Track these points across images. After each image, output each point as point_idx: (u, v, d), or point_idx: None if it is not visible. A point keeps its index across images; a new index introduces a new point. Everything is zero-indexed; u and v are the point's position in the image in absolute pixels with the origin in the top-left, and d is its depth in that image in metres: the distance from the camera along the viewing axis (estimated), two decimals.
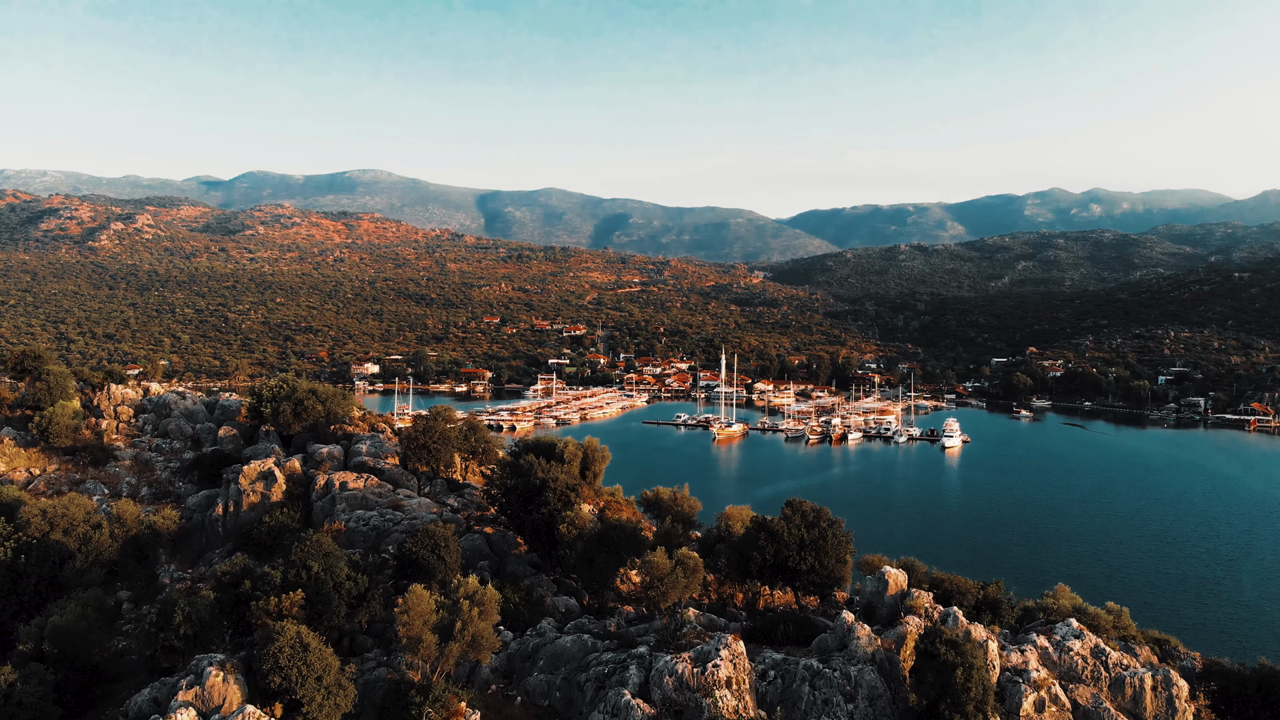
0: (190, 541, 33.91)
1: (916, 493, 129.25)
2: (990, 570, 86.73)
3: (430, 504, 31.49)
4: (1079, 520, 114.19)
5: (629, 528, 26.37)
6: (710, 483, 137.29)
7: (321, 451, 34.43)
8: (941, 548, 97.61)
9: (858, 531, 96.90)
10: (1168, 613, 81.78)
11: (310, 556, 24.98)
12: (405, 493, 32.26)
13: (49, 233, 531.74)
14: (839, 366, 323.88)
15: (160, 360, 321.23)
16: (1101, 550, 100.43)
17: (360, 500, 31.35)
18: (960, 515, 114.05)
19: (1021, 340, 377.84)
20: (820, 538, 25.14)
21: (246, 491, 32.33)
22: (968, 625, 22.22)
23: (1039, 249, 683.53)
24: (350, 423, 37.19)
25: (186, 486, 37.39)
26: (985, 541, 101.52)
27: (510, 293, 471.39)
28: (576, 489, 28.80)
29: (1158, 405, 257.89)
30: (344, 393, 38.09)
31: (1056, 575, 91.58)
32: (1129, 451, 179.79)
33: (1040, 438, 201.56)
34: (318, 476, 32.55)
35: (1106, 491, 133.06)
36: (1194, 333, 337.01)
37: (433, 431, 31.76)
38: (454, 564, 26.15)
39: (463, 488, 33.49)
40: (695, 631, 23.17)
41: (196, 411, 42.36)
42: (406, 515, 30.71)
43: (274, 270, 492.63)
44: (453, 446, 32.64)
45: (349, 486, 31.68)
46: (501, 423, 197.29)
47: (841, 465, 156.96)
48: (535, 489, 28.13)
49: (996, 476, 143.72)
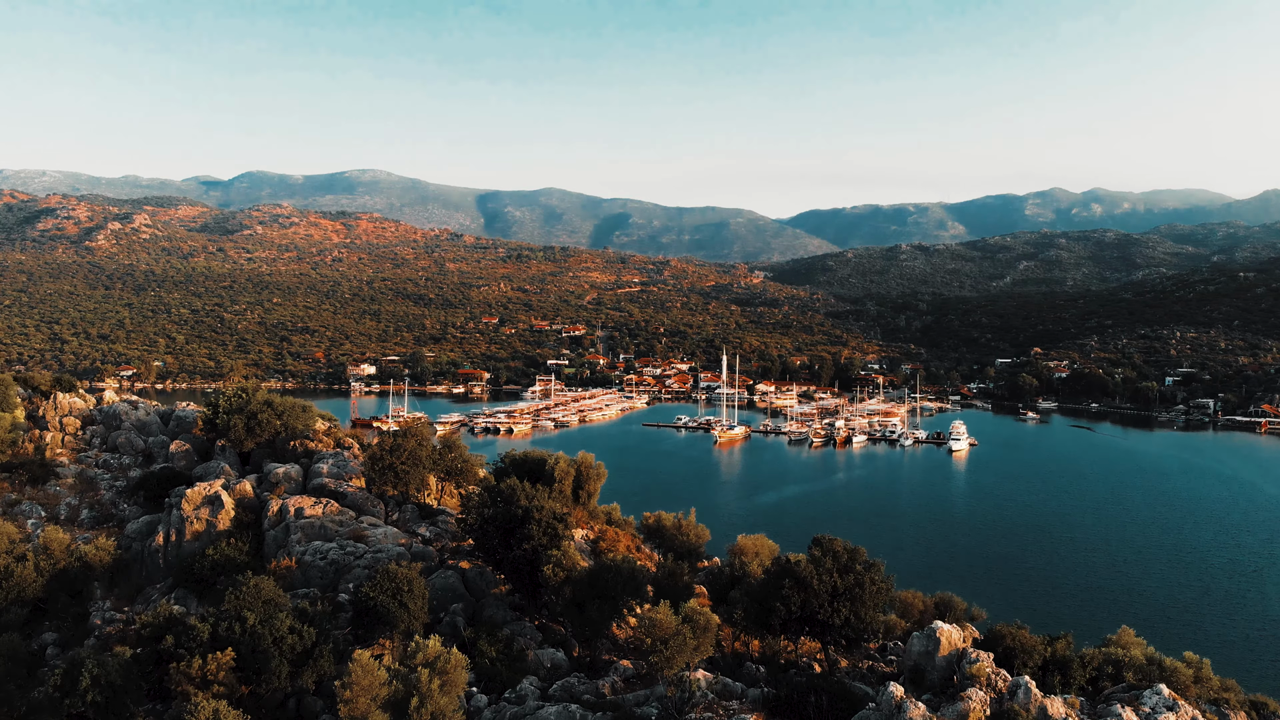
0: (129, 574, 29.90)
1: (925, 500, 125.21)
2: (1009, 586, 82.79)
3: (398, 534, 27.43)
4: (1094, 529, 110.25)
5: (625, 569, 22.36)
6: (712, 489, 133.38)
7: (277, 472, 30.37)
8: (954, 560, 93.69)
9: (866, 544, 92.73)
10: (1193, 629, 77.84)
11: (247, 605, 21.02)
12: (370, 520, 28.18)
13: (46, 232, 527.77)
14: (841, 367, 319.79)
15: (154, 361, 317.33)
16: (1120, 562, 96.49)
17: (318, 529, 27.32)
18: (971, 524, 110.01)
19: (1025, 341, 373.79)
20: (856, 585, 21.06)
21: (190, 518, 28.29)
22: (1042, 699, 18.27)
23: (1041, 249, 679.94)
24: (313, 437, 33.08)
25: (131, 509, 33.35)
26: (999, 553, 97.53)
27: (509, 293, 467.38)
28: (565, 519, 24.75)
29: (1166, 407, 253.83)
30: (305, 405, 33.95)
31: (1075, 589, 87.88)
32: (1140, 455, 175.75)
33: (1048, 440, 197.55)
34: (270, 501, 28.52)
35: (1120, 498, 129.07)
36: (1200, 333, 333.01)
37: (401, 451, 27.61)
38: (419, 610, 22.22)
39: (437, 514, 29.38)
40: (707, 702, 19.19)
41: (150, 423, 38.28)
42: (370, 547, 26.67)
43: (271, 270, 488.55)
44: (425, 468, 28.56)
45: (305, 513, 27.65)
46: (499, 425, 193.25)
47: (846, 470, 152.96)
48: (517, 520, 24.16)
49: (1006, 482, 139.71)
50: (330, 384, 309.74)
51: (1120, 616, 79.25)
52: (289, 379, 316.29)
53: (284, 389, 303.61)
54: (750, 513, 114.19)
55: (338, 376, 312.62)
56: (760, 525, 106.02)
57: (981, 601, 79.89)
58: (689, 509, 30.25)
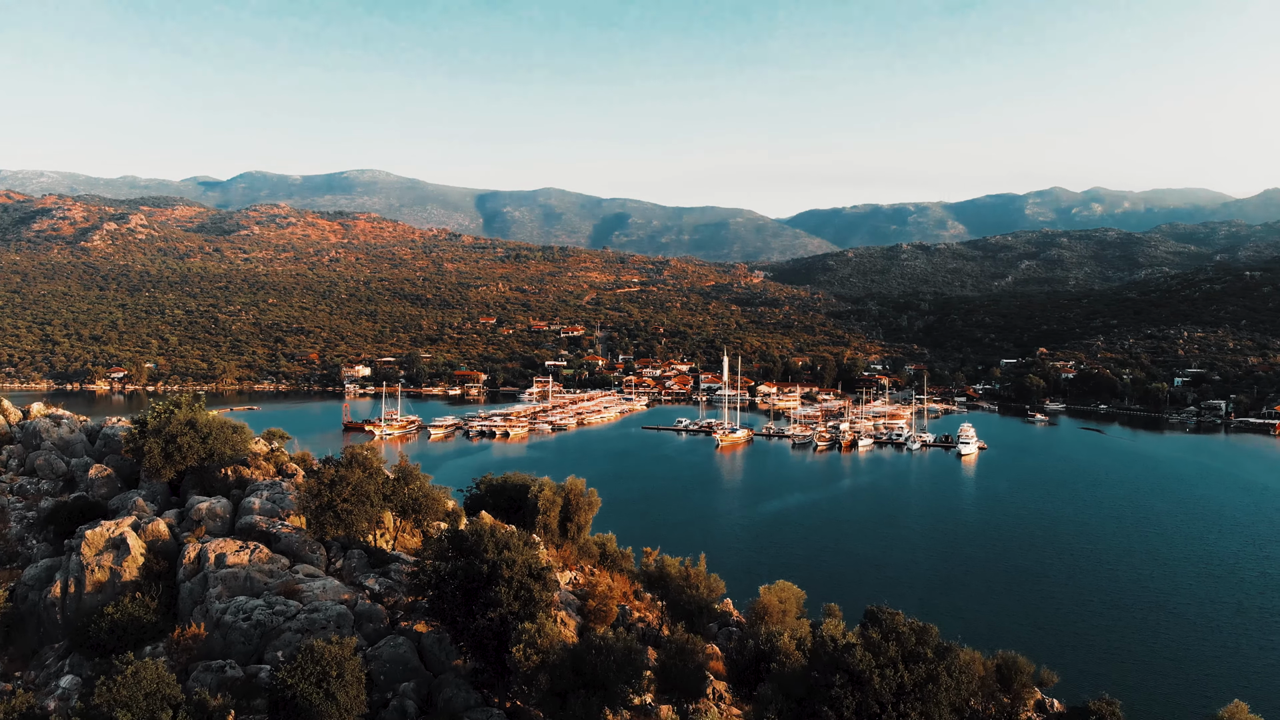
0: (25, 630, 24.83)
1: (936, 509, 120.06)
2: (1031, 604, 77.32)
3: (340, 588, 22.28)
4: (1114, 538, 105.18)
5: (619, 650, 17.18)
6: (714, 496, 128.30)
7: (200, 508, 25.18)
8: (971, 576, 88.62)
9: (876, 558, 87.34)
10: (1230, 651, 72.76)
11: (119, 701, 16.01)
12: (307, 570, 23.04)
13: (41, 233, 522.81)
14: (844, 368, 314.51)
15: (145, 363, 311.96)
16: (1144, 575, 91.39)
17: (242, 582, 22.23)
18: (987, 535, 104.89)
19: (1029, 341, 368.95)
20: (929, 680, 15.89)
21: (91, 565, 23.20)
22: None
23: (1042, 248, 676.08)
24: (249, 463, 27.93)
25: (40, 546, 28.23)
26: (1017, 566, 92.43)
27: (507, 293, 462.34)
28: (545, 574, 19.60)
29: (1176, 408, 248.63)
30: (238, 424, 28.76)
31: (1101, 606, 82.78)
32: (1154, 459, 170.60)
33: (1058, 444, 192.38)
34: (187, 546, 23.41)
35: (1139, 505, 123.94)
36: (1208, 333, 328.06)
37: (343, 485, 22.42)
38: (353, 701, 17.18)
39: (390, 560, 24.21)
40: None
41: (74, 442, 33.15)
42: (305, 606, 21.57)
43: (268, 271, 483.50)
44: (374, 506, 23.41)
45: (228, 561, 22.56)
46: (494, 429, 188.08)
47: (852, 476, 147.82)
48: (481, 578, 19.07)
49: (1019, 489, 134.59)
50: (324, 385, 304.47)
51: (1151, 638, 74.31)
52: (283, 380, 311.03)
53: (277, 390, 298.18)
54: (754, 523, 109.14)
55: (332, 378, 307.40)
56: (765, 537, 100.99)
57: (1004, 623, 75.06)
58: (698, 554, 25.11)
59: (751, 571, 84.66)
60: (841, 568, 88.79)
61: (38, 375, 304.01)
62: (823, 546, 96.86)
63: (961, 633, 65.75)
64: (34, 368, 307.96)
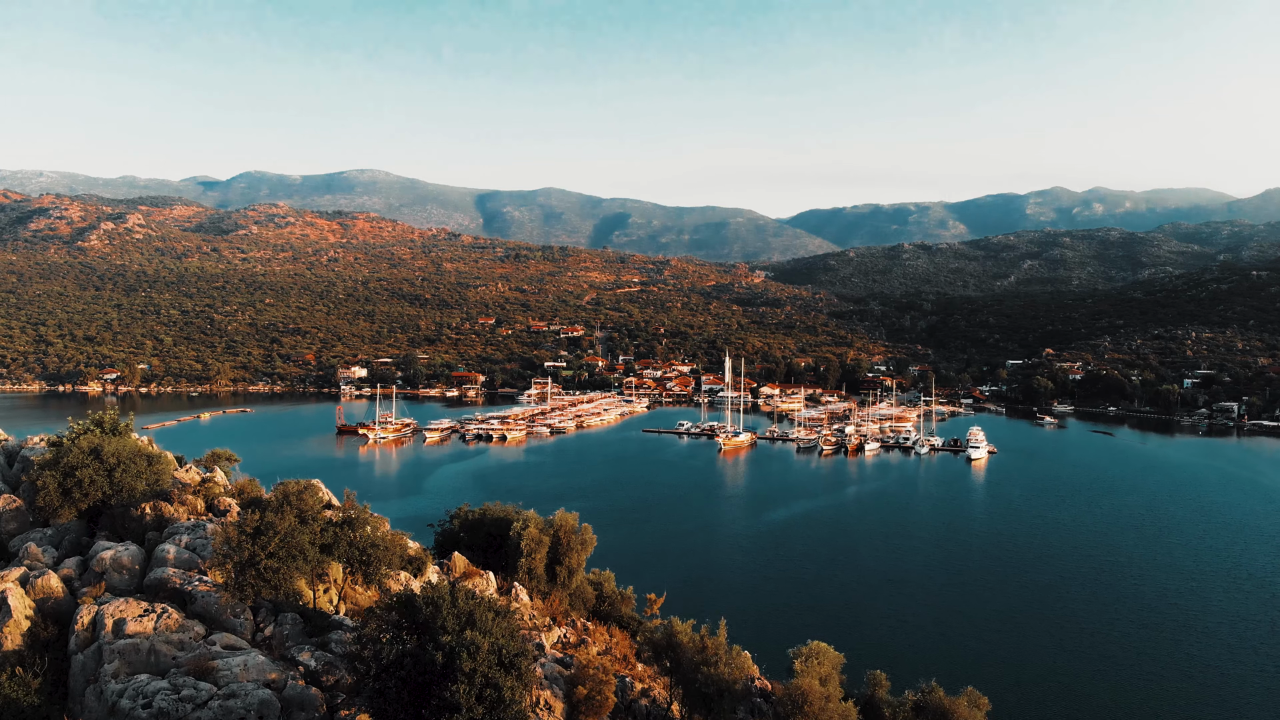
0: None
1: (949, 518, 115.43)
2: (1057, 625, 72.19)
3: (267, 665, 17.73)
4: (1136, 550, 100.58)
5: None
6: (717, 504, 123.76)
7: (103, 557, 20.63)
8: (991, 593, 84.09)
9: (892, 572, 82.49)
10: (1270, 676, 68.19)
11: None
12: (227, 641, 18.49)
13: (38, 233, 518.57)
14: (848, 369, 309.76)
15: (139, 364, 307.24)
16: (1171, 590, 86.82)
17: (145, 656, 17.72)
18: (1003, 547, 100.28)
19: (1034, 341, 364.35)
20: None
21: None
22: None
23: (1045, 247, 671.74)
24: (173, 497, 23.34)
25: None
26: (1037, 581, 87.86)
27: (507, 293, 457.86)
28: (518, 663, 14.95)
29: (1188, 410, 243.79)
30: (156, 453, 24.15)
31: (1130, 626, 78.09)
32: (1170, 464, 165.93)
33: (1069, 448, 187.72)
34: (81, 609, 18.88)
35: (1159, 514, 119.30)
36: (1216, 333, 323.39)
37: (269, 535, 17.62)
38: None
39: (332, 627, 19.63)
40: None
41: None
42: (220, 689, 17.05)
43: (266, 270, 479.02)
44: (307, 560, 18.72)
45: (128, 629, 18.06)
46: (491, 432, 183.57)
47: (859, 482, 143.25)
48: (435, 670, 14.58)
49: (1033, 496, 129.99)
50: (320, 387, 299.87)
51: (1185, 661, 69.75)
52: (278, 382, 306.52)
53: (272, 392, 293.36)
54: (760, 534, 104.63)
55: (328, 379, 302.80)
56: (772, 550, 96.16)
57: (1031, 646, 70.45)
58: (719, 619, 20.54)
59: (759, 592, 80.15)
60: (855, 585, 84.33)
61: (30, 377, 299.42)
62: (833, 560, 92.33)
63: (987, 657, 60.68)
64: (26, 369, 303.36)
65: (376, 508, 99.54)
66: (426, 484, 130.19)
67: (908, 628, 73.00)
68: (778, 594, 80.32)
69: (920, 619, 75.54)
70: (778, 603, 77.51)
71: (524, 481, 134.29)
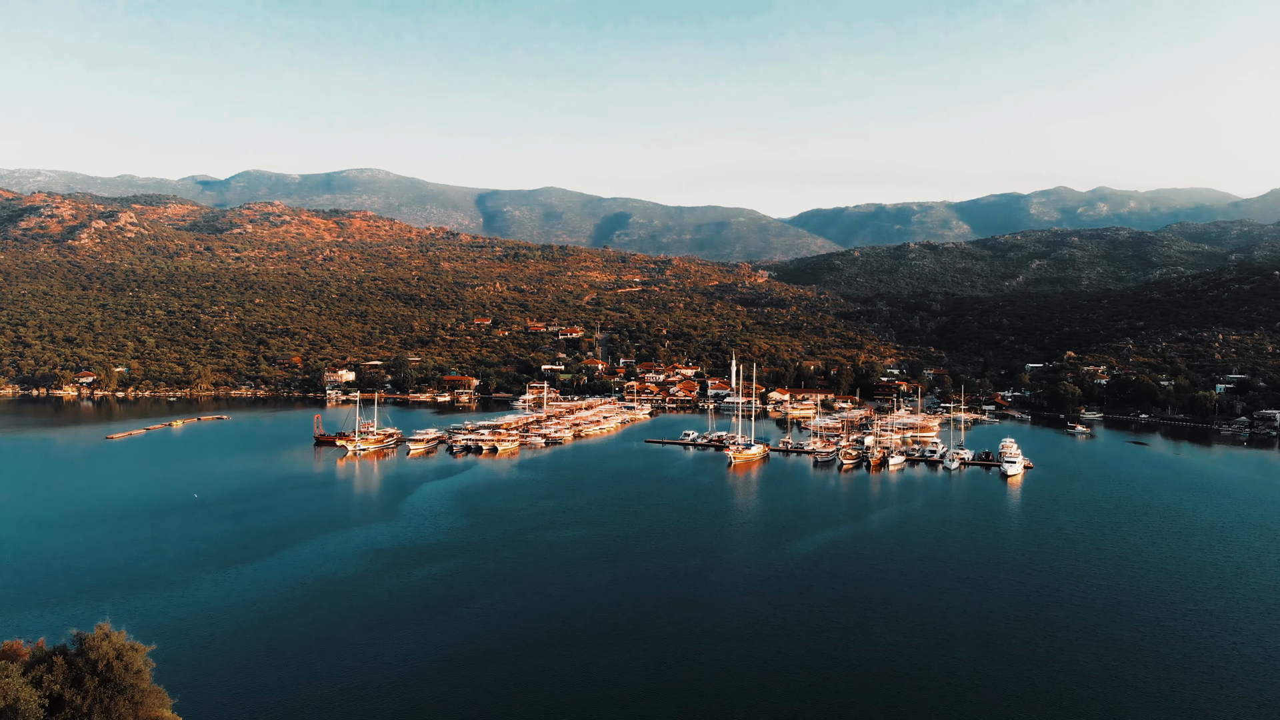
0: None
1: (994, 551, 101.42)
2: (1155, 700, 58.71)
3: None
4: (1220, 598, 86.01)
5: None
6: (731, 534, 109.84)
7: None
8: (1063, 654, 70.08)
9: (938, 621, 67.73)
10: None
11: None
12: None
13: (28, 231, 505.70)
14: (861, 373, 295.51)
15: (116, 367, 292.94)
16: (1274, 650, 72.77)
17: None
18: (1066, 591, 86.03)
19: (1051, 343, 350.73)
20: None
21: None
22: None
23: (1053, 247, 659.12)
24: None
25: None
26: (1114, 636, 73.79)
27: (505, 292, 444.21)
28: None
29: (1225, 418, 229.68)
30: None
31: (1248, 703, 64.32)
32: (1223, 480, 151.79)
33: (1110, 461, 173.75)
34: None
35: (1234, 546, 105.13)
36: (1243, 335, 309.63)
37: None
38: None
39: None
40: None
41: None
42: None
43: (259, 270, 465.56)
44: None
45: None
46: (481, 443, 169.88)
47: (887, 505, 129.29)
48: None
49: (1086, 523, 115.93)
50: (305, 391, 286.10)
51: None
52: (261, 386, 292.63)
53: (255, 397, 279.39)
54: (780, 574, 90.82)
55: (314, 383, 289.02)
56: (795, 597, 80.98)
57: None
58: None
59: (778, 670, 66.02)
60: (899, 643, 70.44)
61: (3, 380, 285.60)
62: (869, 609, 78.41)
63: None
64: (0, 372, 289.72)
65: (340, 536, 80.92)
66: (404, 506, 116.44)
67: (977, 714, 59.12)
68: (803, 670, 66.39)
69: (988, 695, 61.69)
70: (804, 692, 63.60)
71: (513, 503, 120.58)
